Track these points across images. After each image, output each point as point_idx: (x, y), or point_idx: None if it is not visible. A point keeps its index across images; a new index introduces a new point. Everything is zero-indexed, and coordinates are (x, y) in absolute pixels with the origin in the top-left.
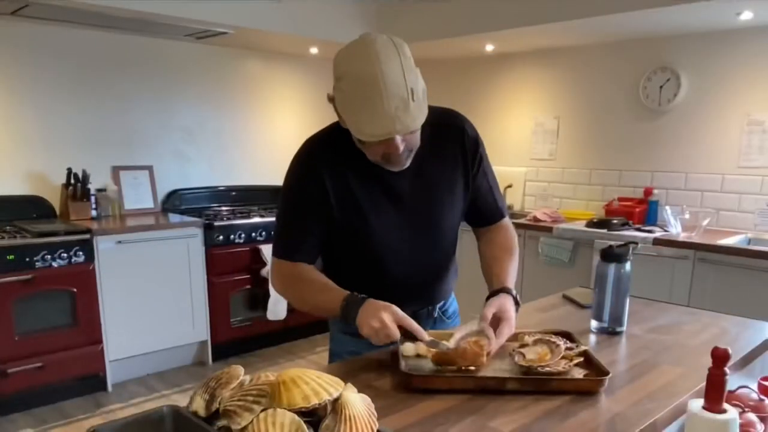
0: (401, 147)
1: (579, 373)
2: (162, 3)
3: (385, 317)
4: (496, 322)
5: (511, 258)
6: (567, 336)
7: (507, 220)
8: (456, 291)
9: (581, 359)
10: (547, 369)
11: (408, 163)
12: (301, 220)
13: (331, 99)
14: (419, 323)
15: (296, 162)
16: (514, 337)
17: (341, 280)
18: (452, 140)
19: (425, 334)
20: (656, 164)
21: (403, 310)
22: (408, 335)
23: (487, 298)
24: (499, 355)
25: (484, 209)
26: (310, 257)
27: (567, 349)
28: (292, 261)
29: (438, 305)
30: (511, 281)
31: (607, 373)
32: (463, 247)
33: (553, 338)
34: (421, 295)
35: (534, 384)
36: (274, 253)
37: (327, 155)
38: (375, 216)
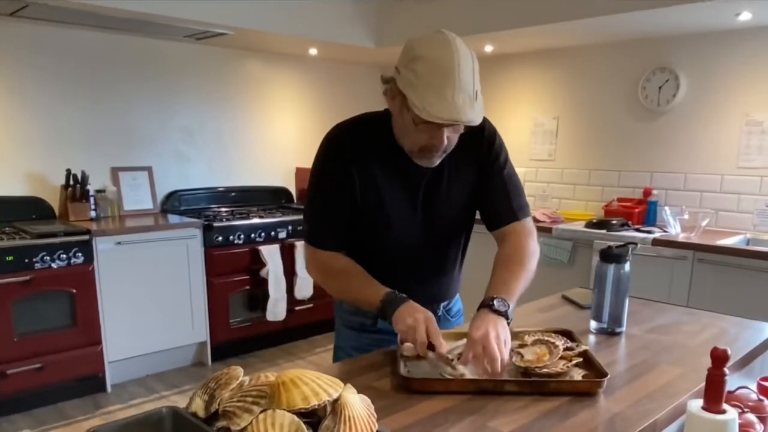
0: (446, 141)
1: (578, 374)
2: (161, 3)
3: (419, 318)
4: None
5: (513, 266)
6: (568, 335)
7: (522, 224)
8: (460, 291)
9: (580, 360)
10: (545, 370)
11: (437, 162)
12: (331, 207)
13: (388, 80)
14: None
15: (325, 148)
16: (514, 337)
17: None
18: (471, 140)
19: (443, 348)
20: (655, 165)
21: None
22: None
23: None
24: None
25: (495, 209)
26: (343, 244)
27: (567, 349)
28: (327, 250)
29: (442, 304)
30: (503, 289)
31: (605, 375)
32: (468, 247)
33: (553, 338)
34: (428, 293)
35: (532, 386)
36: (308, 241)
37: (355, 144)
38: (394, 210)
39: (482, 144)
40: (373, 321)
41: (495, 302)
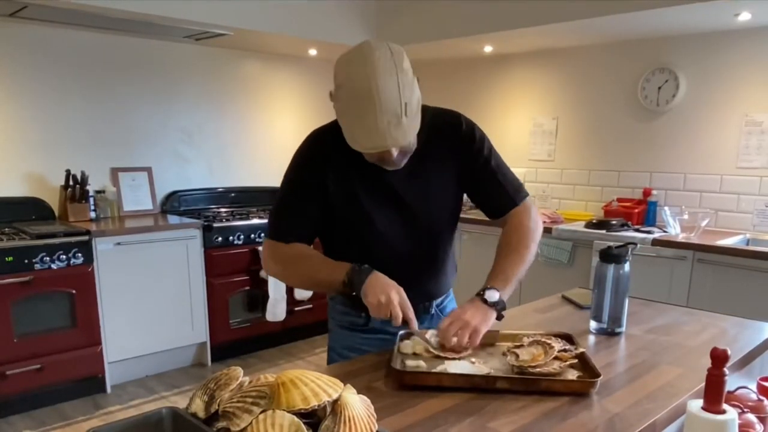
0: (395, 153)
1: (572, 375)
2: (161, 4)
3: (393, 296)
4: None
5: (512, 253)
6: (568, 338)
7: (522, 207)
8: (455, 290)
9: (575, 361)
10: (538, 369)
11: (403, 164)
12: (298, 205)
13: (333, 99)
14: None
15: (302, 150)
16: (513, 338)
17: None
18: (448, 137)
19: (416, 325)
20: (655, 165)
21: None
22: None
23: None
24: (493, 354)
25: (493, 201)
26: (304, 241)
27: (564, 351)
28: (286, 243)
29: (435, 302)
30: (500, 278)
31: (598, 375)
32: (463, 247)
33: (550, 340)
34: (417, 290)
35: (523, 383)
36: (269, 235)
37: (332, 147)
38: (373, 210)
39: (460, 140)
40: (366, 320)
41: (486, 293)
